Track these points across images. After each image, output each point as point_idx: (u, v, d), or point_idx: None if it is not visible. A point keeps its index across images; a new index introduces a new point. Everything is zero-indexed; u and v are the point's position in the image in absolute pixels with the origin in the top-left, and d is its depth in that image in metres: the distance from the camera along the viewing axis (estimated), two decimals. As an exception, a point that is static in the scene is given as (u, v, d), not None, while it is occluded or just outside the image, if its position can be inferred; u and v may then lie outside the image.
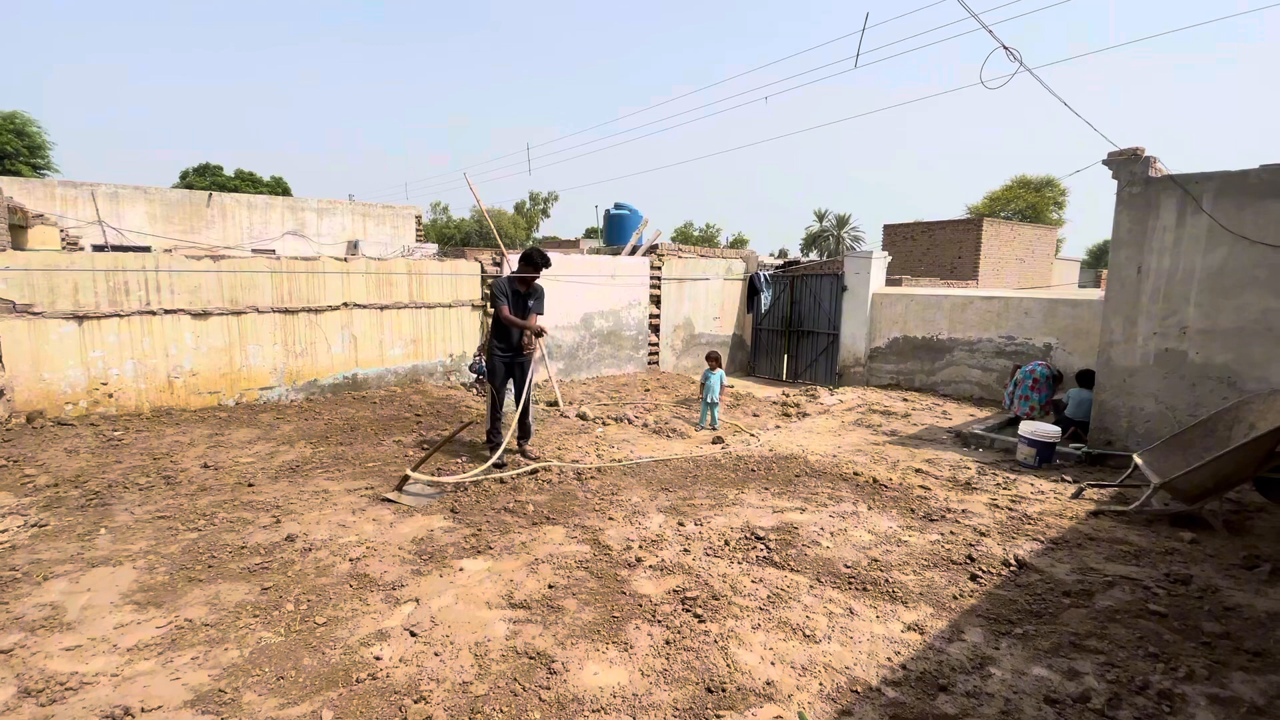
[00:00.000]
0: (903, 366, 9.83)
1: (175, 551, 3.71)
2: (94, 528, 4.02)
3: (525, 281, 5.73)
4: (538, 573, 3.57)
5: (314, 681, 2.60)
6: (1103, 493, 5.18)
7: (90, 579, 3.39)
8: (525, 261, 5.79)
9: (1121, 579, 3.66)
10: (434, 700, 2.50)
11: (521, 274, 5.72)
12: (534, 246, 6.03)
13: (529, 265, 5.76)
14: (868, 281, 10.20)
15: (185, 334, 6.99)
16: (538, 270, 5.74)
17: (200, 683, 2.58)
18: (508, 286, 5.69)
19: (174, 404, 6.99)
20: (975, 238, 21.21)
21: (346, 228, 18.35)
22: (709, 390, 7.34)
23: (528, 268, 5.74)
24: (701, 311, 11.51)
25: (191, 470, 5.14)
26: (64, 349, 6.40)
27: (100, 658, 2.73)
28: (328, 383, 7.93)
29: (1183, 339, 5.77)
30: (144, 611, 3.09)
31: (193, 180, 31.68)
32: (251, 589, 3.32)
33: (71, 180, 14.86)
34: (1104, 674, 2.77)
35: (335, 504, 4.52)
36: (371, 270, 8.14)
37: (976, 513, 4.67)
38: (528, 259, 5.78)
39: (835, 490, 5.07)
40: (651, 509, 4.59)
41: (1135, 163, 5.95)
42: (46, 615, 3.04)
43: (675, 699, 2.55)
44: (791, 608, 3.27)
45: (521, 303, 5.73)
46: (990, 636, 3.05)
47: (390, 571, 3.54)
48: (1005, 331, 8.79)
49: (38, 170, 24.76)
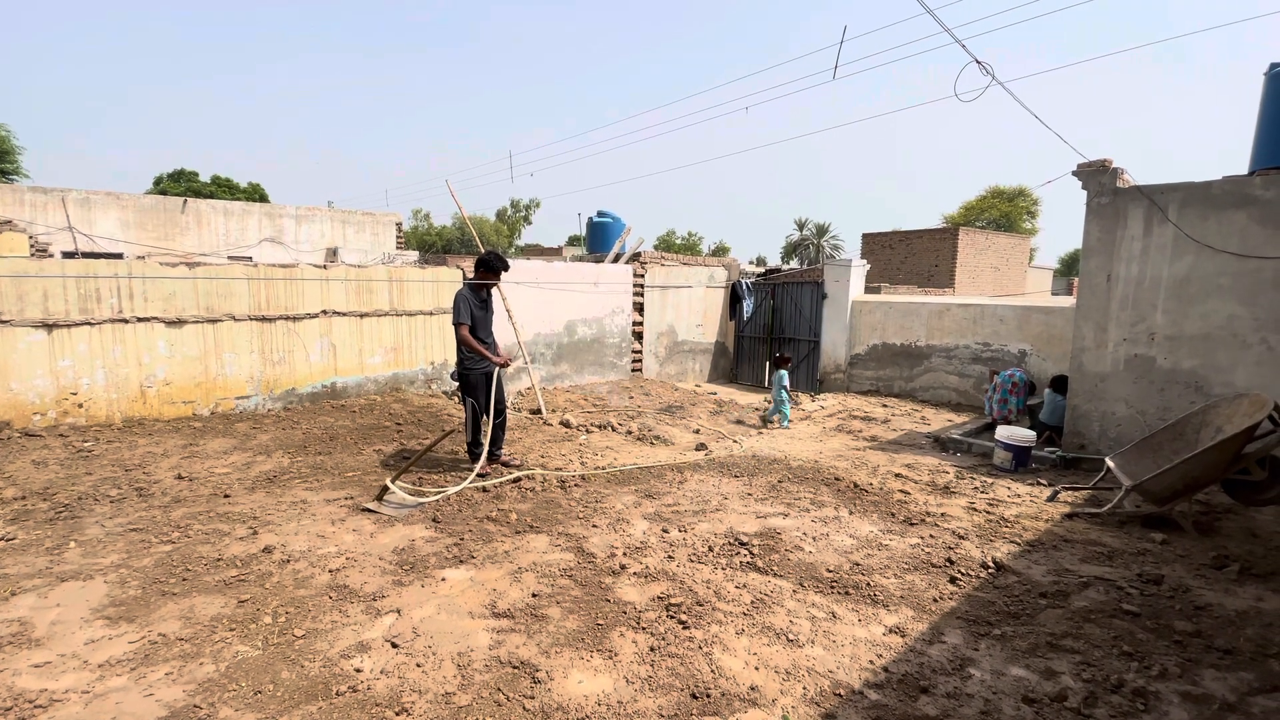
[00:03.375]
0: (882, 373, 9.95)
1: (148, 564, 3.62)
2: (63, 541, 3.91)
3: (488, 289, 5.62)
4: (521, 581, 3.55)
5: (293, 695, 2.56)
6: (1077, 495, 5.29)
7: (59, 594, 3.30)
8: (484, 267, 5.56)
9: (1096, 580, 3.74)
10: (416, 712, 2.47)
11: (482, 281, 5.55)
12: (491, 250, 5.83)
13: (488, 271, 5.56)
14: (847, 289, 10.34)
15: (159, 342, 6.85)
16: (498, 276, 5.62)
17: (174, 698, 2.52)
18: (472, 297, 5.43)
19: (147, 414, 6.84)
20: (951, 246, 21.62)
21: (326, 235, 18.15)
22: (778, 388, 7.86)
23: (488, 274, 5.56)
24: (684, 319, 11.56)
25: (165, 481, 5.03)
26: (32, 358, 6.24)
27: (71, 674, 2.66)
28: (306, 391, 7.81)
29: (1151, 345, 5.92)
30: (116, 626, 3.01)
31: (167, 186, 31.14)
32: (228, 602, 3.25)
33: (41, 186, 14.51)
34: (1080, 673, 2.82)
35: (314, 514, 4.45)
36: (351, 278, 8.06)
37: (955, 516, 4.74)
38: (486, 264, 5.55)
39: (817, 495, 5.12)
40: (635, 516, 4.59)
41: (1104, 174, 6.13)
42: (14, 631, 2.94)
43: (660, 706, 2.55)
44: (775, 613, 3.28)
45: (486, 312, 5.58)
46: (970, 638, 3.09)
47: (371, 582, 3.50)
48: (981, 338, 8.95)
49: (6, 176, 24.16)
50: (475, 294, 5.50)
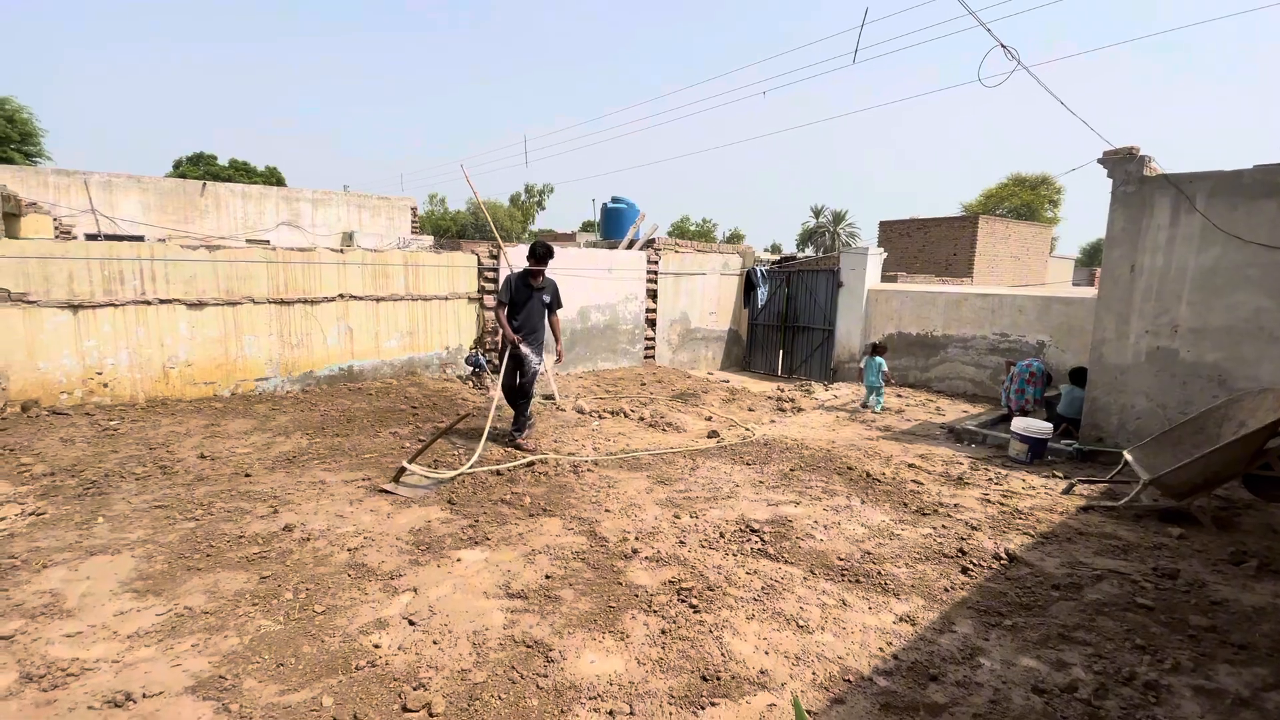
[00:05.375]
0: (897, 363, 9.88)
1: (173, 540, 3.72)
2: (92, 516, 4.02)
3: (536, 275, 5.78)
4: (535, 563, 3.60)
5: (314, 668, 2.63)
6: (1093, 488, 5.25)
7: (89, 567, 3.40)
8: (529, 255, 5.83)
9: (1110, 573, 3.72)
10: (433, 687, 2.53)
11: (531, 269, 5.77)
12: (538, 239, 6.15)
13: (530, 258, 5.79)
14: (863, 278, 10.24)
15: (180, 324, 6.97)
16: (541, 262, 5.75)
17: (200, 669, 2.60)
18: (518, 281, 5.78)
19: (169, 394, 6.98)
20: (971, 235, 21.31)
21: (342, 219, 18.26)
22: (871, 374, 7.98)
23: (531, 261, 5.78)
24: (698, 306, 11.54)
25: (188, 460, 5.14)
26: (59, 338, 6.38)
27: (101, 644, 2.75)
28: (323, 374, 7.92)
29: (1174, 337, 5.83)
30: (143, 599, 3.11)
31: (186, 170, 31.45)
32: (250, 578, 3.33)
33: (64, 169, 14.72)
34: (1091, 665, 2.82)
35: (332, 495, 4.53)
36: (368, 261, 8.12)
37: (968, 507, 4.73)
38: (530, 251, 5.82)
39: (829, 484, 5.12)
40: (647, 501, 4.63)
41: (1130, 162, 6.00)
42: (47, 602, 3.05)
43: (671, 687, 2.59)
44: (785, 599, 3.31)
45: (536, 300, 5.80)
46: (980, 628, 3.10)
47: (388, 561, 3.57)
48: (999, 329, 8.85)
49: (30, 158, 24.52)
50: (523, 279, 5.81)
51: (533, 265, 5.78)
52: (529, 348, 5.79)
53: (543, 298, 5.87)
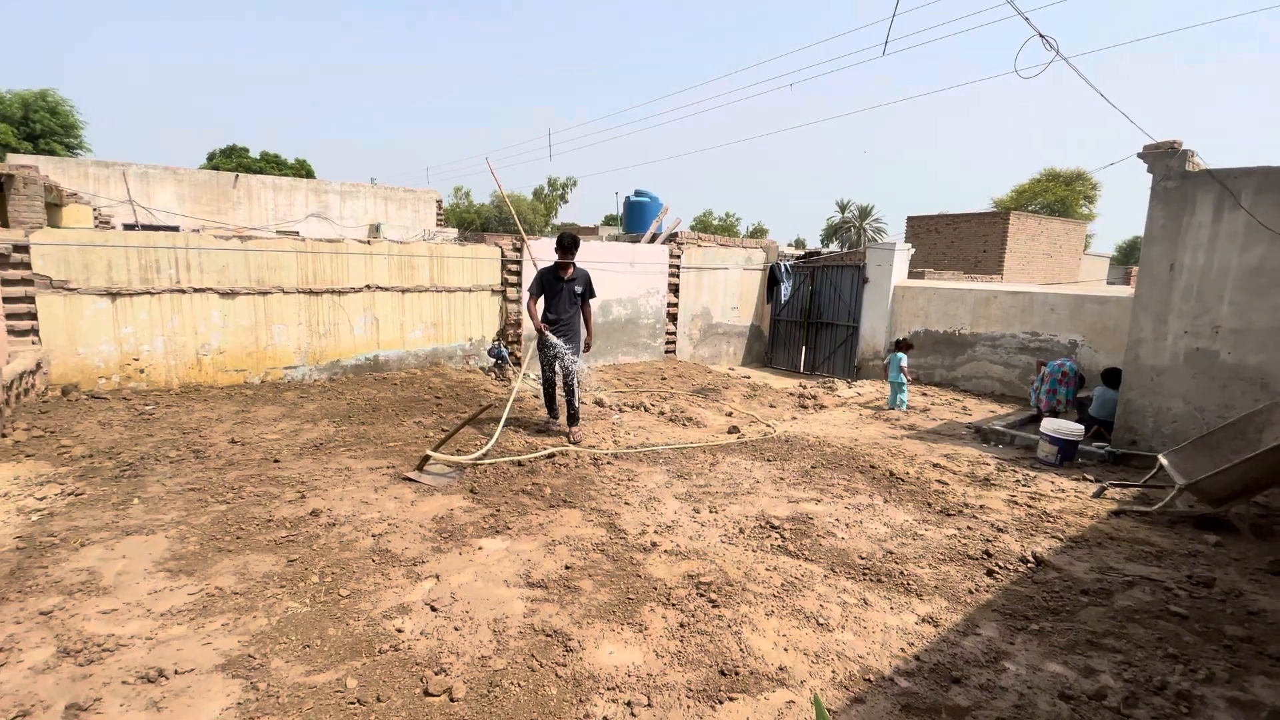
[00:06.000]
0: (923, 361, 9.72)
1: (205, 522, 3.82)
2: (128, 498, 4.15)
3: (566, 267, 5.85)
4: (555, 554, 3.62)
5: (338, 650, 2.68)
6: (1125, 493, 5.11)
7: (125, 546, 3.51)
8: (558, 247, 5.87)
9: (1142, 579, 3.63)
10: (454, 673, 2.57)
11: (561, 261, 5.82)
12: (564, 231, 6.26)
13: (561, 250, 5.84)
14: (889, 274, 10.09)
15: (213, 312, 7.13)
16: (568, 253, 5.79)
17: (230, 648, 2.67)
18: (548, 274, 5.86)
19: (202, 380, 7.16)
20: (1001, 231, 20.85)
21: (369, 211, 18.52)
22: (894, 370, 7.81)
23: (561, 253, 5.83)
24: (720, 301, 11.48)
25: (219, 445, 5.27)
26: (98, 324, 6.57)
27: (135, 621, 2.84)
28: (350, 363, 8.05)
29: (1215, 339, 5.64)
30: (176, 579, 3.20)
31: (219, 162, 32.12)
32: (278, 560, 3.41)
33: (103, 160, 15.15)
34: (1121, 673, 2.75)
35: (358, 481, 4.61)
36: (394, 253, 8.22)
37: (995, 509, 4.64)
38: (559, 243, 5.86)
39: (851, 482, 5.07)
40: (667, 495, 4.63)
41: (1172, 156, 5.81)
42: (84, 580, 3.15)
43: (689, 680, 2.59)
44: (805, 596, 3.29)
45: (567, 290, 5.86)
46: (1005, 631, 3.05)
47: (411, 548, 3.62)
48: (1030, 327, 8.66)
49: (70, 150, 25.26)
50: (554, 271, 5.91)
51: (561, 257, 5.82)
52: (560, 338, 5.85)
53: (574, 288, 5.92)
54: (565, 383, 5.98)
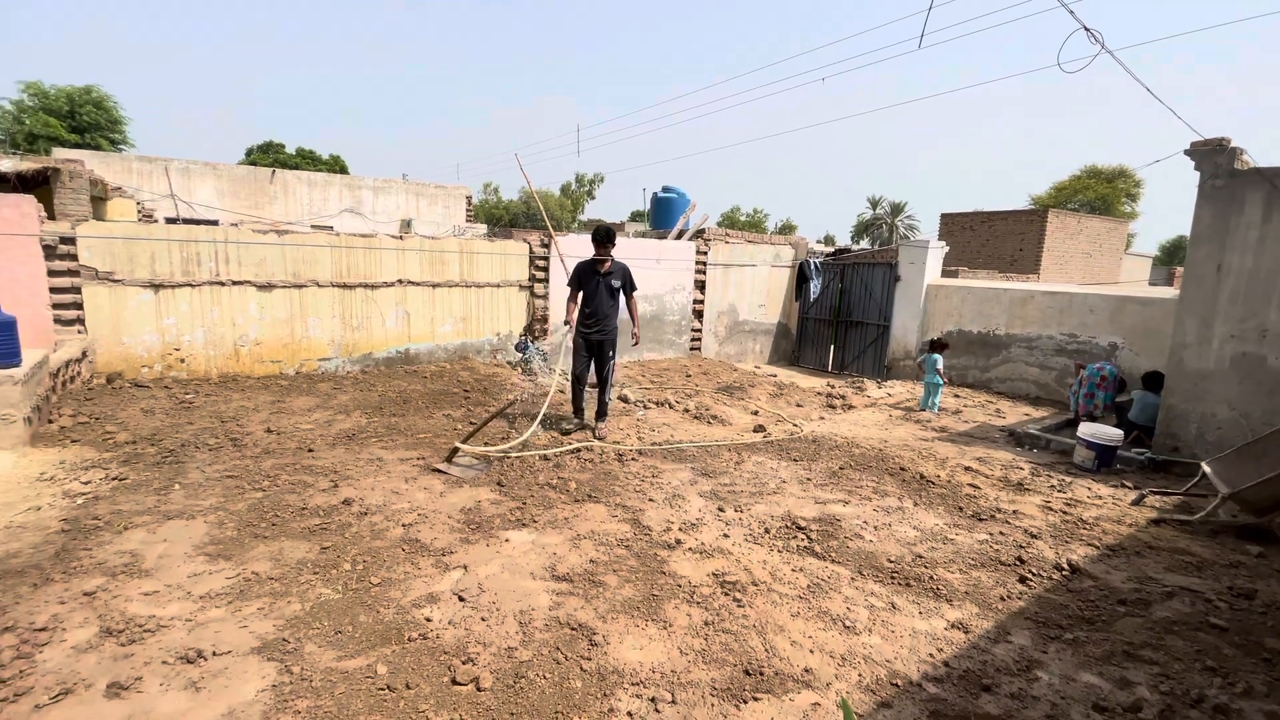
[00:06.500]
0: (956, 362, 9.53)
1: (242, 509, 3.93)
2: (169, 483, 4.29)
3: (602, 262, 5.82)
4: (580, 548, 3.65)
5: (369, 637, 2.74)
6: (1165, 501, 4.96)
7: (166, 530, 3.63)
8: (593, 240, 5.84)
9: (1181, 590, 3.51)
10: (481, 663, 2.60)
11: (598, 256, 5.79)
12: (599, 224, 6.18)
13: (596, 244, 5.80)
14: (922, 272, 9.91)
15: (250, 304, 7.32)
16: (603, 247, 5.76)
17: (266, 632, 2.75)
18: (584, 268, 5.84)
19: (239, 371, 7.35)
20: (1039, 230, 20.30)
21: (401, 206, 18.78)
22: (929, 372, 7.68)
23: (596, 247, 5.80)
24: (747, 298, 11.40)
25: (256, 434, 5.41)
26: (141, 315, 6.79)
27: (175, 603, 2.93)
28: (381, 356, 8.19)
29: (1262, 342, 5.43)
30: (215, 563, 3.30)
31: (257, 157, 32.87)
32: (311, 548, 3.49)
33: (147, 155, 15.62)
34: (1157, 685, 2.68)
35: (389, 472, 4.70)
36: (425, 248, 8.34)
37: (1028, 514, 4.54)
38: (593, 237, 5.83)
39: (880, 484, 5.00)
40: (691, 493, 4.62)
41: (1220, 154, 5.59)
42: (126, 562, 3.27)
43: (713, 678, 2.59)
44: (831, 598, 3.26)
45: (603, 285, 5.81)
46: (1038, 640, 2.98)
47: (440, 538, 3.68)
48: (1068, 329, 8.43)
49: (115, 145, 26.10)
50: (591, 266, 5.87)
51: (597, 251, 5.79)
52: (594, 332, 5.83)
53: (611, 283, 5.84)
54: (599, 375, 5.99)
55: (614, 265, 5.89)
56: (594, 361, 6.00)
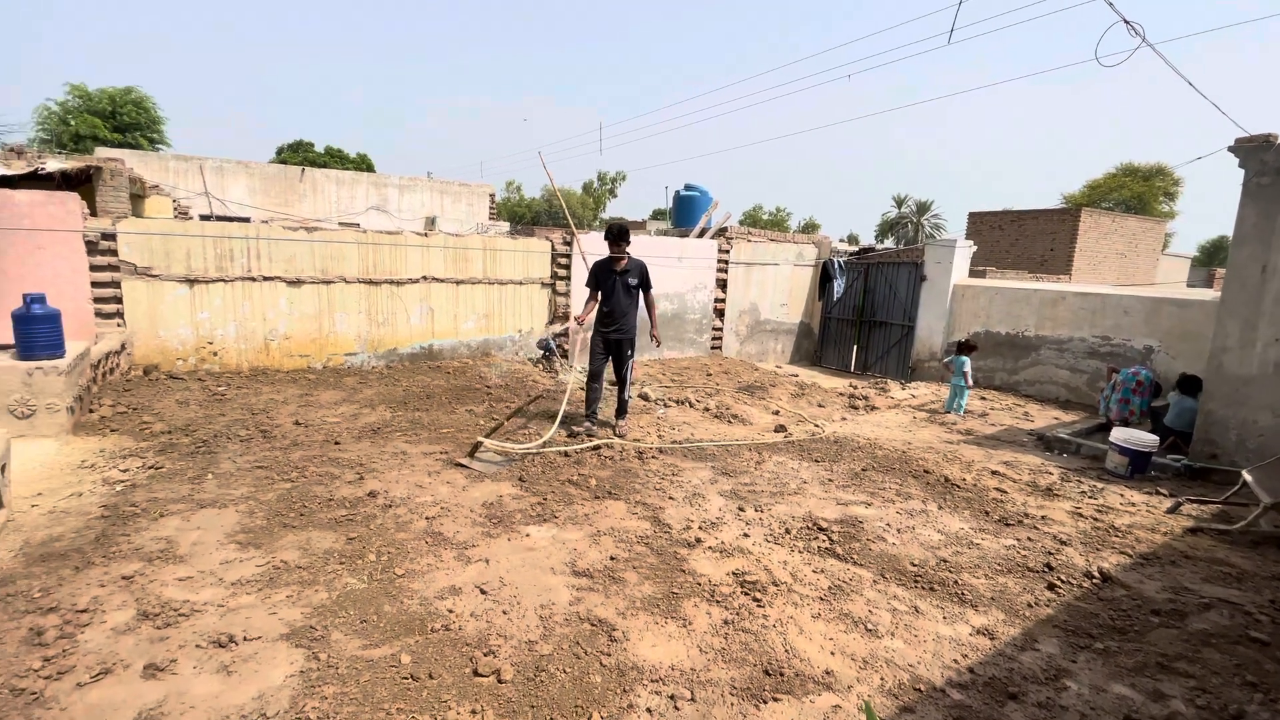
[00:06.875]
0: (983, 363, 9.36)
1: (271, 499, 4.02)
2: (202, 472, 4.40)
3: (618, 260, 5.76)
4: (600, 544, 3.66)
5: (393, 627, 2.79)
6: (1203, 509, 4.81)
7: (199, 518, 3.73)
8: (607, 237, 5.79)
9: (1219, 602, 3.41)
10: (502, 655, 2.63)
11: (613, 254, 5.74)
12: (612, 221, 6.09)
13: (610, 241, 5.75)
14: (949, 272, 9.74)
15: (280, 300, 7.48)
16: (617, 244, 5.72)
17: (294, 619, 2.81)
18: (600, 267, 5.80)
19: (269, 364, 7.52)
20: (1071, 229, 19.83)
21: (425, 204, 19.01)
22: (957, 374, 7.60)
23: (611, 244, 5.75)
24: (769, 298, 11.32)
25: (285, 426, 5.53)
26: (177, 309, 6.98)
27: (208, 589, 3.01)
28: (406, 352, 8.31)
29: (1310, 347, 5.23)
30: (245, 551, 3.38)
31: (287, 156, 33.53)
32: (338, 538, 3.56)
33: (183, 154, 16.04)
34: (1193, 699, 2.60)
35: (413, 465, 4.77)
36: (449, 245, 8.43)
37: (1057, 520, 4.44)
38: (607, 234, 5.79)
39: (903, 486, 4.93)
40: (711, 492, 4.61)
41: (1267, 150, 5.40)
42: (162, 548, 3.36)
43: (733, 678, 2.58)
44: (853, 601, 3.22)
45: (620, 283, 5.75)
46: (1067, 649, 2.92)
47: (462, 532, 3.72)
48: (1100, 331, 8.22)
49: (153, 144, 26.85)
50: (607, 264, 5.82)
51: (612, 248, 5.74)
52: (612, 330, 5.79)
53: (628, 281, 5.76)
54: (618, 374, 5.98)
55: (631, 263, 5.80)
56: (613, 360, 5.97)
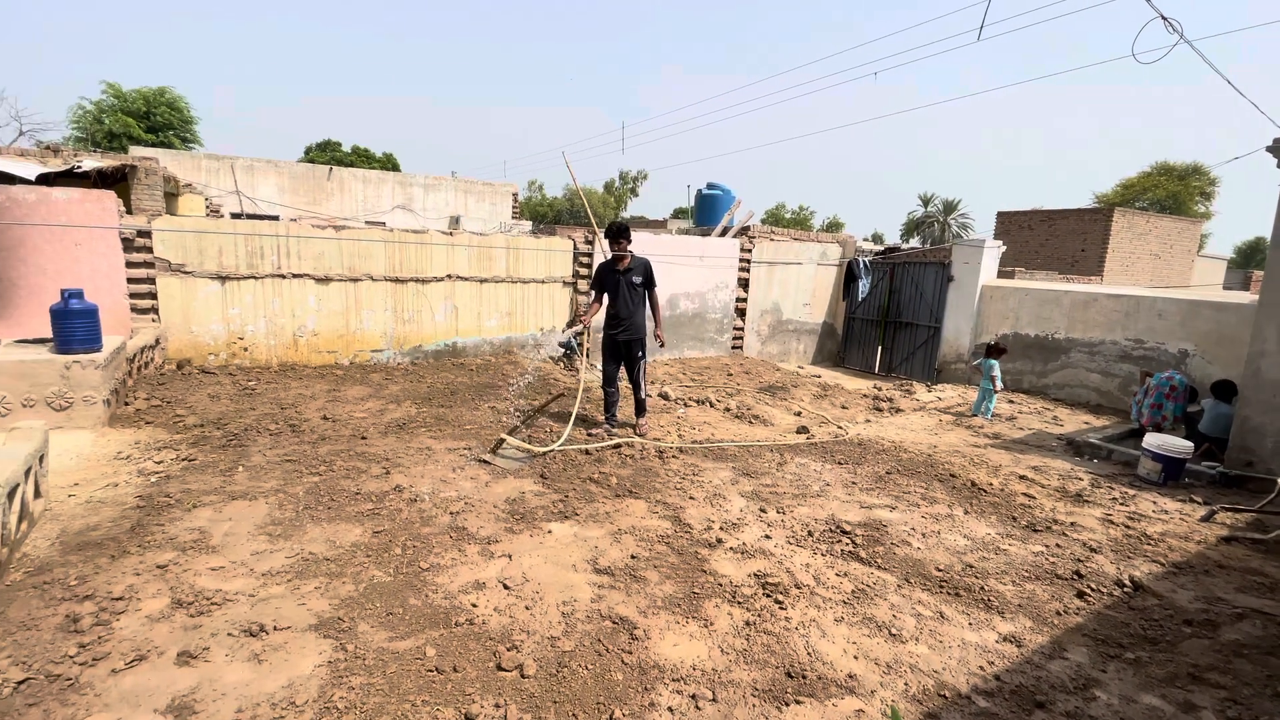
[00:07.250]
0: (1011, 366, 9.19)
1: (300, 492, 4.11)
2: (233, 465, 4.51)
3: (620, 259, 5.75)
4: (621, 543, 3.68)
5: (418, 620, 2.83)
6: (1238, 518, 4.68)
7: (231, 510, 3.82)
8: (607, 236, 5.76)
9: (1254, 612, 3.31)
10: (524, 650, 2.66)
11: (615, 253, 5.72)
12: (612, 220, 6.05)
13: (610, 240, 5.72)
14: (977, 272, 9.58)
15: (309, 297, 7.62)
16: (617, 242, 5.68)
17: (322, 610, 2.86)
18: (604, 267, 5.80)
19: (297, 360, 7.66)
20: (1103, 229, 19.36)
21: (449, 203, 19.21)
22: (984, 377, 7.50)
23: (611, 243, 5.72)
24: (791, 297, 11.24)
25: (313, 420, 5.64)
26: (209, 305, 7.15)
27: (239, 579, 3.09)
28: (430, 349, 8.42)
29: (1356, 353, 5.05)
30: (275, 542, 3.46)
31: (315, 155, 34.11)
32: (365, 531, 3.63)
33: (214, 154, 16.41)
34: (1224, 710, 2.54)
35: (437, 461, 4.83)
36: (473, 244, 8.52)
37: (1087, 527, 4.35)
38: (607, 233, 5.76)
39: (929, 490, 4.87)
40: (733, 493, 4.60)
41: (1312, 149, 5.22)
42: (195, 538, 3.45)
43: (754, 679, 2.57)
44: (877, 605, 3.20)
45: (625, 283, 5.72)
46: (1097, 658, 2.86)
47: (485, 527, 3.76)
48: (1133, 334, 8.02)
49: (186, 143, 27.50)
50: (610, 265, 5.80)
51: (612, 248, 5.71)
52: (620, 331, 5.78)
53: (631, 280, 5.73)
54: (631, 376, 5.95)
55: (633, 261, 5.75)
56: (624, 363, 5.91)
